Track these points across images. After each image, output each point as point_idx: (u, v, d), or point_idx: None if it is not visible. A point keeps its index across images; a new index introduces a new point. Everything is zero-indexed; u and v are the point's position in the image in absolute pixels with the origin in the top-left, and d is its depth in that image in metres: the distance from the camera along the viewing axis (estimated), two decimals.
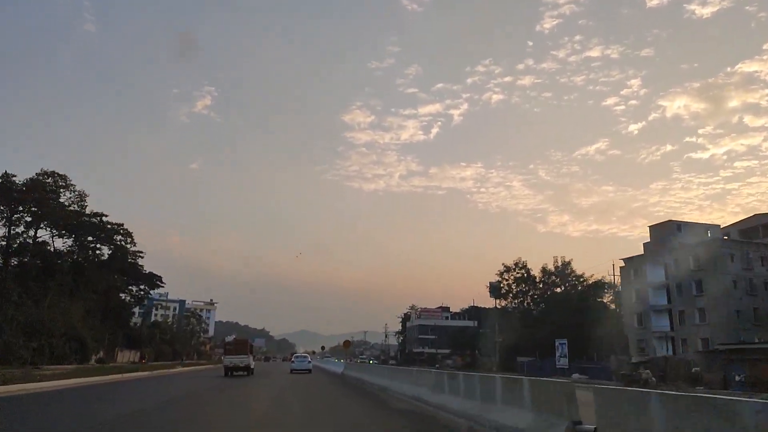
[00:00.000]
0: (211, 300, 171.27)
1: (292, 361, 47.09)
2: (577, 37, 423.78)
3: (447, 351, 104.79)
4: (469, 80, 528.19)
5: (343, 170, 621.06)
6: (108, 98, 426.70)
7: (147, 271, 72.12)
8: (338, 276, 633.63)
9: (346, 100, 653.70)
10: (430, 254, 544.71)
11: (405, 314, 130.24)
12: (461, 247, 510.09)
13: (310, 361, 46.66)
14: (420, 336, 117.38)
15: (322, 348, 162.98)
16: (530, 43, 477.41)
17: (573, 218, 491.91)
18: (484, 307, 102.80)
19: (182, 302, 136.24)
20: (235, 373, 34.58)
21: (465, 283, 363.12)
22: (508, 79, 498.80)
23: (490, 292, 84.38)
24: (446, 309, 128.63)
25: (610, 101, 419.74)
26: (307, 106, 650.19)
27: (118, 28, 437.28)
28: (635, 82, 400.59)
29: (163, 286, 78.44)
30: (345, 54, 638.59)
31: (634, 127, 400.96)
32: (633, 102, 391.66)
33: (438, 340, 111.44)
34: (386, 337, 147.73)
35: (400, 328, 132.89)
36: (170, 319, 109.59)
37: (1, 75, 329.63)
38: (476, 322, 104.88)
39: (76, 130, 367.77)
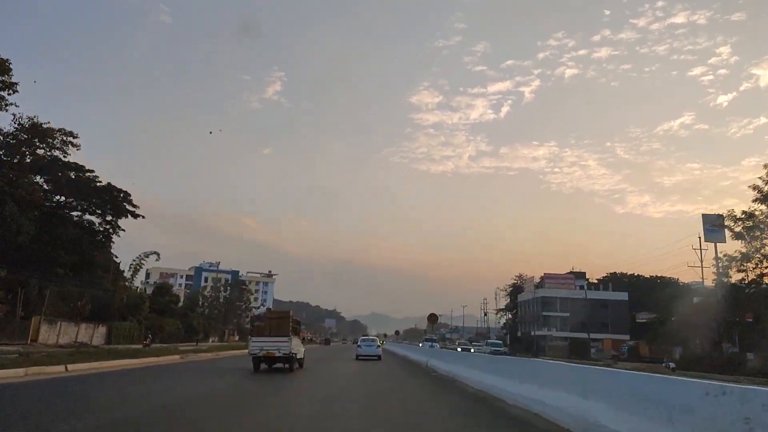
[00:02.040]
0: (270, 272, 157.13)
1: (359, 345, 39.67)
2: (660, 3, 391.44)
3: (595, 334, 76.47)
4: (540, 55, 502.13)
5: (410, 152, 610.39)
6: (180, 87, 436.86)
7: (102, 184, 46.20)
8: (409, 259, 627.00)
9: (412, 80, 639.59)
10: (501, 237, 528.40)
11: (513, 284, 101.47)
12: (534, 230, 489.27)
13: (379, 346, 39.03)
14: (545, 313, 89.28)
15: (396, 332, 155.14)
16: (607, 12, 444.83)
17: (654, 198, 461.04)
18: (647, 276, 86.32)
19: (235, 272, 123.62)
20: (272, 365, 21.60)
21: (537, 267, 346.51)
22: (582, 52, 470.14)
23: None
24: (580, 275, 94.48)
25: (697, 71, 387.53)
26: (374, 88, 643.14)
27: (191, 18, 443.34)
28: (724, 50, 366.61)
29: (136, 214, 48.03)
30: (410, 33, 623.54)
31: (723, 99, 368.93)
32: (722, 71, 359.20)
33: (572, 318, 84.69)
34: (485, 314, 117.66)
35: (507, 302, 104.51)
36: (208, 290, 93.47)
37: (80, 62, 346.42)
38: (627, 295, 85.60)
39: (152, 121, 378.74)
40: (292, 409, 11.20)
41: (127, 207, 47.69)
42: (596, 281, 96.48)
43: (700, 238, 54.03)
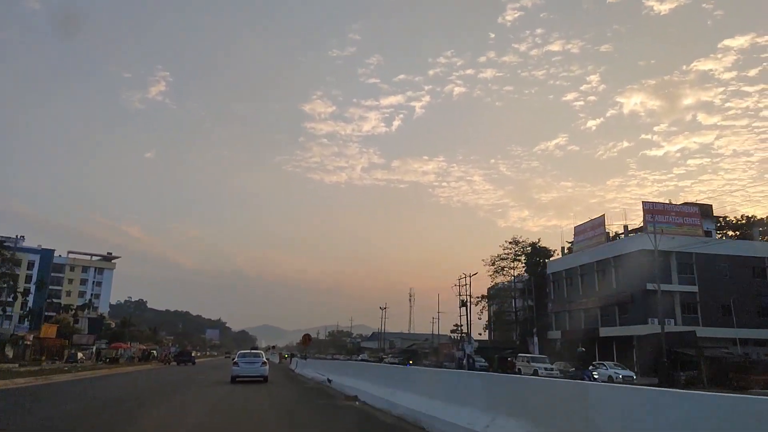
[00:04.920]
0: (110, 254, 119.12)
1: (235, 362, 27.63)
2: (539, 31, 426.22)
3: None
4: (431, 72, 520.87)
5: (304, 161, 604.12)
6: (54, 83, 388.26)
7: None
8: (301, 270, 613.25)
9: (306, 88, 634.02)
10: (394, 248, 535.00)
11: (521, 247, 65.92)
12: (425, 242, 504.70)
13: (265, 362, 27.60)
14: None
15: (274, 347, 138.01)
16: (492, 35, 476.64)
17: (533, 213, 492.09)
18: None
19: (47, 251, 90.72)
20: None
21: (431, 277, 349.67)
22: (470, 71, 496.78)
23: None
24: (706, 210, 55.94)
25: (570, 96, 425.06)
26: (267, 94, 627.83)
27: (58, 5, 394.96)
28: (594, 78, 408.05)
29: None
30: (305, 39, 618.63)
31: (592, 123, 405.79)
32: (592, 98, 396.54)
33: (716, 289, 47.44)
34: (463, 304, 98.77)
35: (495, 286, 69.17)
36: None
37: None
38: None
39: (21, 118, 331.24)
40: None
41: None
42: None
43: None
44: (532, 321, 57.01)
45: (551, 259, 62.20)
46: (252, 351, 35.39)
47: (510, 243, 64.43)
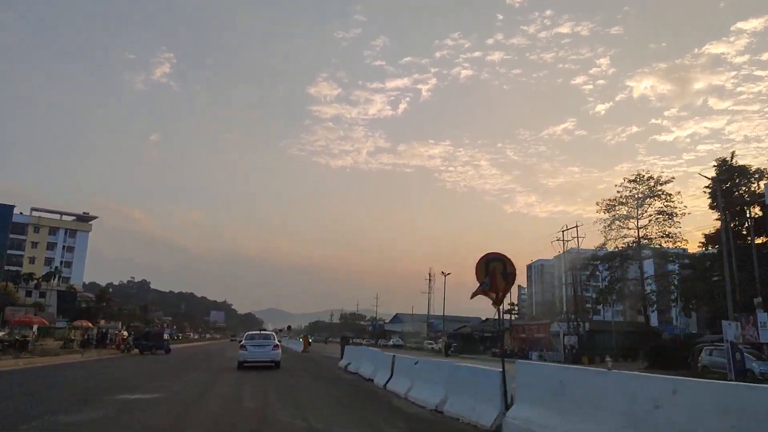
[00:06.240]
0: (86, 213, 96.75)
1: (243, 345, 22.61)
2: (548, 12, 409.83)
3: None
4: (437, 54, 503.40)
5: (309, 145, 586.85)
6: (58, 62, 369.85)
7: None
8: (306, 254, 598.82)
9: (311, 70, 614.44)
10: (400, 232, 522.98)
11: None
12: (431, 226, 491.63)
13: (277, 345, 22.82)
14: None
15: (289, 327, 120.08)
16: (500, 17, 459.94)
17: (540, 199, 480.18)
18: None
19: (4, 208, 66.01)
20: None
21: (437, 262, 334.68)
22: (477, 54, 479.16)
23: None
24: None
25: (579, 80, 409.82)
26: (272, 77, 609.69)
27: None
28: (604, 61, 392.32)
29: None
30: (310, 20, 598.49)
31: (601, 107, 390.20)
32: (601, 81, 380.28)
33: None
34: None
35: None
36: None
37: None
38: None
39: (24, 99, 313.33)
40: None
41: None
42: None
43: None
44: (733, 289, 32.73)
45: None
46: (261, 332, 27.80)
47: (631, 181, 44.01)
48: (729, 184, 37.51)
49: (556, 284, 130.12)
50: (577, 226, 42.19)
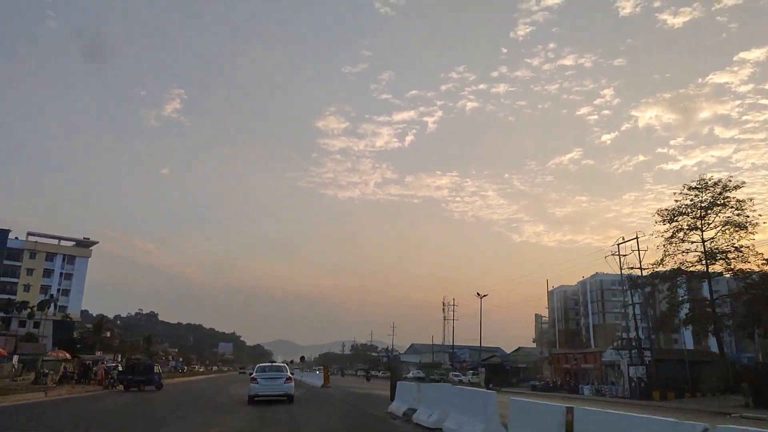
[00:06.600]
0: (87, 239, 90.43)
1: (253, 378, 21.09)
2: (551, 45, 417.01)
3: None
4: (443, 87, 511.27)
5: (317, 177, 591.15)
6: (71, 100, 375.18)
7: None
8: (315, 285, 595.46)
9: (319, 105, 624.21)
10: (409, 262, 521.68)
11: None
12: (439, 257, 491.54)
13: (290, 377, 21.52)
14: None
15: (302, 358, 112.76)
16: (504, 50, 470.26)
17: (548, 228, 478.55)
18: None
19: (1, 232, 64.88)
20: None
21: (446, 291, 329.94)
22: (482, 86, 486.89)
23: None
24: None
25: (584, 110, 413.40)
26: (280, 111, 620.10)
27: (77, 24, 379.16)
28: (608, 92, 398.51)
29: None
30: (317, 56, 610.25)
31: (606, 137, 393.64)
32: (606, 112, 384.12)
33: None
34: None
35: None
36: None
37: None
38: None
39: (40, 134, 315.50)
40: None
41: None
42: None
43: None
44: None
45: None
46: (273, 364, 27.18)
47: (692, 189, 38.24)
48: None
49: (582, 312, 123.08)
50: (637, 237, 36.35)
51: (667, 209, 38.88)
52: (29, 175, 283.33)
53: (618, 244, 37.22)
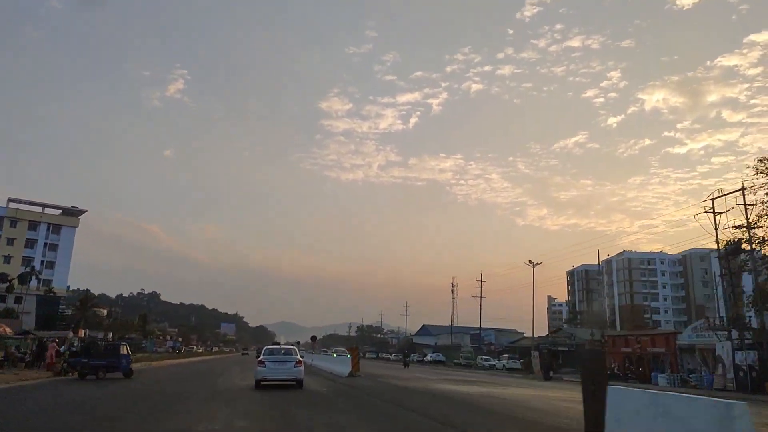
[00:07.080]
0: (75, 207, 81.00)
1: (261, 361, 19.57)
2: (558, 26, 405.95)
3: None
4: (448, 68, 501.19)
5: (320, 159, 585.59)
6: (76, 80, 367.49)
7: None
8: (318, 267, 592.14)
9: (323, 86, 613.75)
10: (410, 245, 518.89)
11: None
12: (442, 239, 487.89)
13: (299, 361, 19.94)
14: None
15: (313, 338, 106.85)
16: (510, 32, 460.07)
17: (552, 212, 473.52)
18: None
19: None
20: None
21: (450, 274, 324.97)
22: (487, 68, 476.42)
23: None
24: None
25: (590, 93, 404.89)
26: (284, 92, 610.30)
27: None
28: (615, 74, 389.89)
29: None
30: (321, 36, 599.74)
31: (612, 120, 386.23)
32: (612, 94, 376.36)
33: None
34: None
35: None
36: None
37: None
38: None
39: (46, 116, 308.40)
40: None
41: None
42: None
43: None
44: None
45: None
46: (282, 346, 25.23)
47: None
48: None
49: (607, 292, 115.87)
50: (743, 189, 28.44)
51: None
52: (33, 155, 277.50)
53: (712, 199, 29.63)
